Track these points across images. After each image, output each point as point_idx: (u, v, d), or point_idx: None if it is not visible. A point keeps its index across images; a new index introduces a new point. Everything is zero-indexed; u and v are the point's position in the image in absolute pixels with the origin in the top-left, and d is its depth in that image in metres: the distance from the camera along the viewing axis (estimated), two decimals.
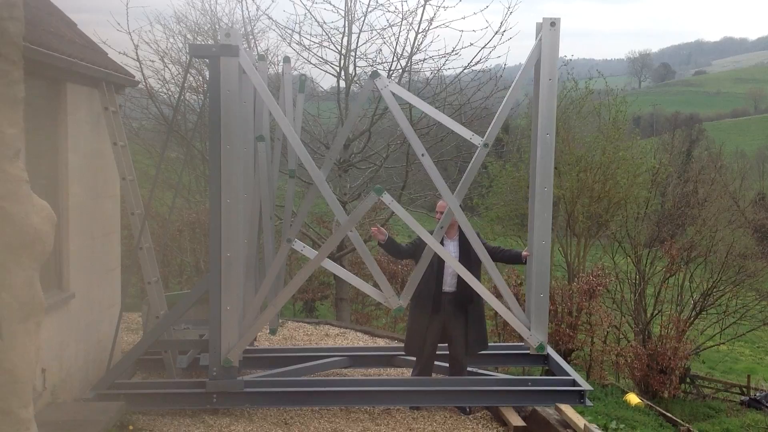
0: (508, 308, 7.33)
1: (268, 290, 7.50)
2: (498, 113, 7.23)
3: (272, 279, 7.44)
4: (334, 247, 7.53)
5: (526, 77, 7.21)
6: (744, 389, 22.62)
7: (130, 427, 6.63)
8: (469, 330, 7.70)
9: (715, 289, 23.12)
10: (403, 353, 8.38)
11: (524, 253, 7.62)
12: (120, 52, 16.30)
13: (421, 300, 7.64)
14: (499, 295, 7.63)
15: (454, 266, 7.34)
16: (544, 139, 6.90)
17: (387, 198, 7.12)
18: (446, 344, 7.88)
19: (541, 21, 6.97)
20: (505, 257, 7.90)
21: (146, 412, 7.16)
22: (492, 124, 7.16)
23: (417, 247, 7.60)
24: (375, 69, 6.94)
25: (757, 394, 21.18)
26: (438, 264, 7.52)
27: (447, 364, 7.96)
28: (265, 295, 7.48)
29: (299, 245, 7.33)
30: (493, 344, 9.91)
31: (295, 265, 20.78)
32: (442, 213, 7.54)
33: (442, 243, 7.46)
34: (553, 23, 6.84)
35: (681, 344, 19.67)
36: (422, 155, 7.14)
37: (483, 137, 7.06)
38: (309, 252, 7.56)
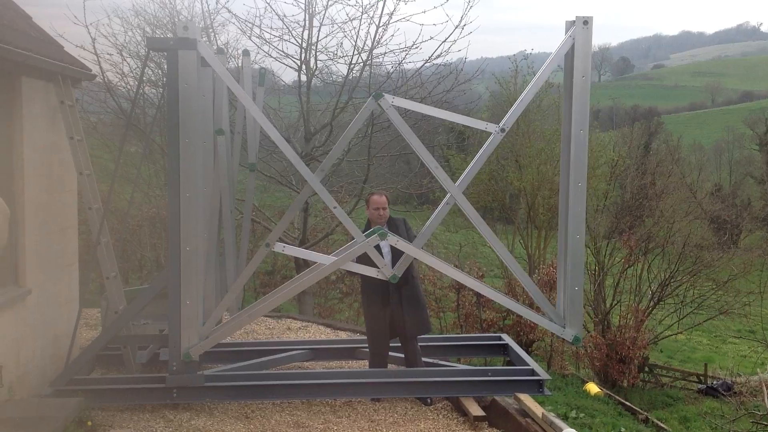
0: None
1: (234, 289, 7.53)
2: (519, 101, 7.18)
3: (243, 282, 7.45)
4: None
5: (550, 70, 7.24)
6: (701, 378, 22.96)
7: (89, 423, 6.58)
8: (405, 312, 7.72)
9: (672, 280, 23.42)
10: (365, 346, 8.41)
11: None
12: (77, 46, 16.03)
13: (373, 296, 7.73)
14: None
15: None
16: (578, 135, 6.94)
17: (392, 239, 7.17)
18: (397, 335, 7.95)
19: (571, 19, 7.06)
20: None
21: (105, 407, 7.11)
22: (511, 110, 7.13)
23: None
24: (379, 92, 6.90)
25: (714, 383, 21.44)
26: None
27: (402, 355, 8.05)
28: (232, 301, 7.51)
29: (279, 246, 7.27)
30: (455, 335, 10.00)
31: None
32: (383, 209, 7.63)
33: None
34: (586, 22, 6.94)
35: (639, 334, 19.95)
36: (436, 168, 7.11)
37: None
38: (290, 250, 7.53)
